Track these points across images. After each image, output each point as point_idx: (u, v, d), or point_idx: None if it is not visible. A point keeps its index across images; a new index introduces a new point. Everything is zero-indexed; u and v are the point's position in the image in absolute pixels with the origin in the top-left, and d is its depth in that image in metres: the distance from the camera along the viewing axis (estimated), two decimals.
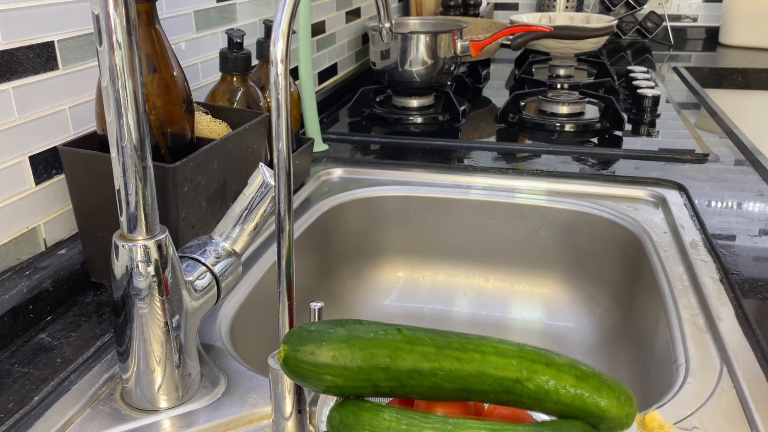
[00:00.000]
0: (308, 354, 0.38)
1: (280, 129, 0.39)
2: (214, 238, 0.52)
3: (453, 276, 0.95)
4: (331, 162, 1.00)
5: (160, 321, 0.47)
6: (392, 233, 0.95)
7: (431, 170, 0.96)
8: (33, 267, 0.62)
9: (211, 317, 0.62)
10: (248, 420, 0.50)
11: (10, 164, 0.61)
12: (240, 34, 0.76)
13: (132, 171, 0.43)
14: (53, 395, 0.51)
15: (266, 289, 0.73)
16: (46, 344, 0.57)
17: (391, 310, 0.94)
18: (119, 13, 0.39)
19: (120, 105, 0.41)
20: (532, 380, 0.38)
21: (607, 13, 2.03)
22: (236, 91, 0.78)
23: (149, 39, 0.60)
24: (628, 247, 0.83)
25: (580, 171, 0.96)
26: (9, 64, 0.60)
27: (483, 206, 0.91)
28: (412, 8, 1.82)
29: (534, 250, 0.92)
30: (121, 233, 0.45)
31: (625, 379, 0.75)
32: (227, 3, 0.96)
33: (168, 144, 0.63)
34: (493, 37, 1.11)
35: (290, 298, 0.43)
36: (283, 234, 0.41)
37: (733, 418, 0.50)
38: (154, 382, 0.49)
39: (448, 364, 0.38)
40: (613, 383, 0.39)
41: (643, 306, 0.77)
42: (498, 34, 1.13)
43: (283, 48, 0.39)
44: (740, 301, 0.63)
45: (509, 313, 0.92)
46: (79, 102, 0.68)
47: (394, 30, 0.84)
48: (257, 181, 0.51)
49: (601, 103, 1.23)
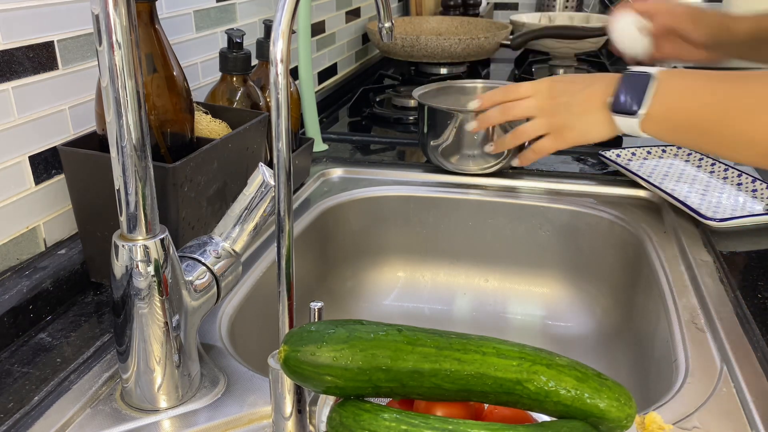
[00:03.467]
0: (309, 355, 0.38)
1: (280, 129, 0.39)
2: (214, 238, 0.52)
3: (453, 276, 0.95)
4: (331, 162, 1.00)
5: (160, 321, 0.47)
6: (392, 233, 0.95)
7: (431, 170, 0.96)
8: (33, 267, 0.62)
9: (211, 317, 0.62)
10: (248, 420, 0.50)
11: (10, 164, 0.61)
12: (240, 34, 0.76)
13: (132, 171, 0.43)
14: (53, 395, 0.51)
15: (266, 289, 0.73)
16: (46, 344, 0.57)
17: (391, 310, 0.94)
18: (119, 13, 0.39)
19: (120, 105, 0.41)
20: (533, 381, 0.38)
21: (607, 13, 2.03)
22: (236, 91, 0.78)
23: (149, 39, 0.60)
24: (628, 247, 0.83)
25: (580, 171, 0.96)
26: (9, 64, 0.60)
27: (483, 206, 0.91)
28: (412, 8, 1.82)
29: (534, 250, 0.92)
30: (121, 233, 0.45)
31: (625, 379, 0.75)
32: (227, 3, 0.96)
33: (168, 144, 0.63)
34: None
35: (290, 298, 0.43)
36: (283, 234, 0.41)
37: (733, 417, 0.50)
38: (154, 381, 0.49)
39: (449, 365, 0.38)
40: (613, 385, 0.39)
41: (642, 306, 0.77)
42: None
43: (283, 48, 0.39)
44: (740, 301, 0.63)
45: (509, 313, 0.92)
46: (79, 102, 0.68)
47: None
48: (257, 181, 0.51)
49: None
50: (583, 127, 0.76)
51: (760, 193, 0.85)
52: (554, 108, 0.78)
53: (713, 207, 0.82)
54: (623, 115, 0.70)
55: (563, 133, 0.78)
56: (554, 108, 0.78)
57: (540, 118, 0.79)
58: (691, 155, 0.98)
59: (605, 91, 0.73)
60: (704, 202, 0.84)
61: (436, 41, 1.30)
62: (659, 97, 0.68)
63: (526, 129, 0.81)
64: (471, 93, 1.01)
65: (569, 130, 0.77)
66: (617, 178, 0.93)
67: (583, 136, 0.77)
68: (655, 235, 0.79)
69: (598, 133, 0.75)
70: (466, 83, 1.02)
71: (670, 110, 0.69)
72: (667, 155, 0.98)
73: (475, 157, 0.91)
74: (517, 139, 0.84)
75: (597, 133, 0.75)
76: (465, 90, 1.02)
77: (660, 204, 0.87)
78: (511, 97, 0.82)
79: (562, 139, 0.78)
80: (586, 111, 0.75)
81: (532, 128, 0.80)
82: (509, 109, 0.81)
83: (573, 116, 0.76)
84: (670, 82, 0.69)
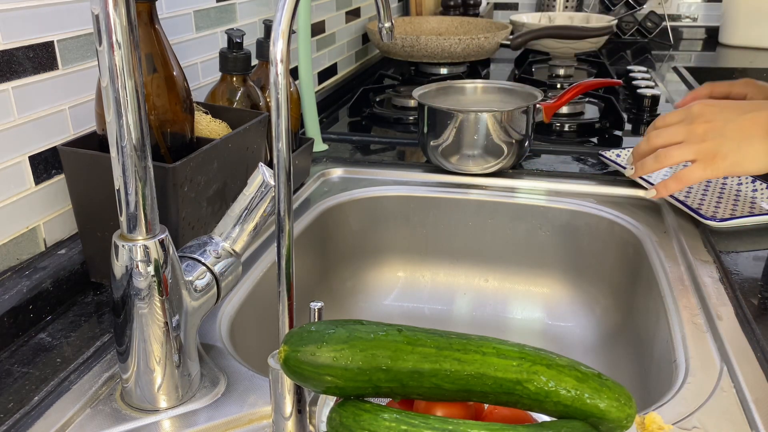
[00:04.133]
0: (309, 355, 0.38)
1: (280, 129, 0.39)
2: (214, 238, 0.52)
3: (453, 276, 0.95)
4: (331, 162, 1.00)
5: (160, 321, 0.47)
6: (392, 233, 0.95)
7: (431, 170, 0.96)
8: (33, 267, 0.62)
9: (211, 317, 0.62)
10: (248, 420, 0.50)
11: (10, 164, 0.61)
12: (240, 34, 0.76)
13: (132, 171, 0.43)
14: (53, 395, 0.51)
15: (266, 289, 0.73)
16: (46, 344, 0.57)
17: (391, 310, 0.94)
18: (119, 13, 0.39)
19: (120, 105, 0.41)
20: (533, 382, 0.38)
21: (607, 12, 2.03)
22: (236, 91, 0.78)
23: (149, 39, 0.60)
24: (628, 247, 0.83)
25: (580, 171, 0.96)
26: (9, 64, 0.60)
27: (483, 206, 0.91)
28: (412, 8, 1.82)
29: (534, 250, 0.92)
30: (121, 233, 0.45)
31: (625, 378, 0.75)
32: (227, 3, 0.96)
33: (168, 144, 0.63)
34: (563, 99, 0.97)
35: (290, 298, 0.43)
36: (283, 234, 0.41)
37: (733, 418, 0.50)
38: (154, 382, 0.49)
39: (449, 365, 0.38)
40: (613, 385, 0.39)
41: (642, 306, 0.77)
42: (569, 92, 0.98)
43: (283, 48, 0.39)
44: (740, 301, 0.63)
45: (509, 313, 0.92)
46: (79, 102, 0.68)
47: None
48: (257, 181, 0.51)
49: (601, 103, 1.23)
50: (739, 156, 0.69)
51: (761, 193, 0.85)
52: (706, 132, 0.71)
53: (713, 207, 0.82)
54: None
55: (715, 161, 0.70)
56: (706, 132, 0.71)
57: (689, 143, 0.72)
58: None
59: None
60: (704, 202, 0.84)
61: (436, 41, 1.30)
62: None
63: (672, 153, 0.73)
64: (471, 93, 1.01)
65: (722, 159, 0.70)
66: (617, 178, 0.93)
67: (738, 165, 0.70)
68: (655, 235, 0.79)
69: (756, 164, 0.69)
70: (466, 83, 1.02)
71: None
72: None
73: (475, 157, 0.91)
74: (659, 164, 0.75)
75: (754, 164, 0.69)
76: (465, 90, 1.02)
77: (660, 204, 0.87)
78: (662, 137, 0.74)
79: (713, 167, 0.70)
80: (746, 138, 0.69)
81: (679, 153, 0.72)
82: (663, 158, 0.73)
83: (728, 142, 0.69)
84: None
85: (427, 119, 0.92)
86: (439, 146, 0.92)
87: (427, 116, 0.92)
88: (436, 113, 0.91)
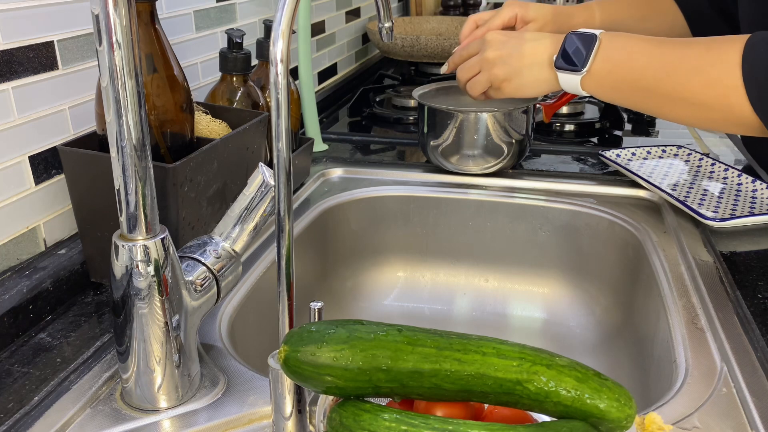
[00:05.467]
0: (309, 355, 0.38)
1: (280, 129, 0.39)
2: (214, 238, 0.52)
3: (453, 276, 0.95)
4: (331, 162, 1.00)
5: (160, 321, 0.47)
6: (392, 233, 0.95)
7: (431, 170, 0.96)
8: (33, 267, 0.62)
9: (211, 317, 0.62)
10: (248, 420, 0.50)
11: (10, 164, 0.61)
12: (240, 34, 0.76)
13: (132, 171, 0.43)
14: (53, 395, 0.51)
15: (266, 289, 0.73)
16: (46, 344, 0.57)
17: (391, 310, 0.94)
18: (119, 13, 0.39)
19: (120, 105, 0.41)
20: (533, 382, 0.38)
21: None
22: (236, 91, 0.78)
23: (149, 39, 0.60)
24: (628, 247, 0.83)
25: (580, 171, 0.96)
26: (9, 64, 0.60)
27: (483, 206, 0.91)
28: (412, 8, 1.82)
29: (534, 250, 0.92)
30: (121, 233, 0.45)
31: (625, 378, 0.75)
32: (227, 3, 0.96)
33: (168, 144, 0.63)
34: (563, 99, 0.97)
35: (290, 298, 0.43)
36: (283, 234, 0.41)
37: (733, 417, 0.50)
38: (154, 381, 0.49)
39: (449, 365, 0.38)
40: (613, 385, 0.39)
41: (642, 306, 0.77)
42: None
43: (283, 48, 0.39)
44: (740, 301, 0.63)
45: (509, 313, 0.92)
46: (79, 102, 0.68)
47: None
48: (257, 181, 0.51)
49: (601, 103, 1.23)
50: (521, 81, 0.77)
51: (760, 193, 0.85)
52: (495, 60, 0.79)
53: (713, 207, 0.82)
54: (567, 71, 0.72)
55: (502, 85, 0.79)
56: (495, 60, 0.79)
57: (484, 72, 0.80)
58: (691, 155, 0.98)
59: (553, 46, 0.74)
60: (704, 202, 0.84)
61: (436, 41, 1.30)
62: (603, 54, 0.71)
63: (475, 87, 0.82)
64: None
65: (507, 83, 0.78)
66: (617, 178, 0.93)
67: (520, 89, 0.78)
68: (655, 235, 0.79)
69: (537, 88, 0.77)
70: None
71: (613, 68, 0.71)
72: (667, 155, 0.98)
73: (475, 157, 0.91)
74: (473, 93, 0.83)
75: (535, 88, 0.77)
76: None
77: (660, 204, 0.87)
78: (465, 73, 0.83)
79: (500, 90, 0.80)
80: (527, 66, 0.76)
81: (479, 85, 0.81)
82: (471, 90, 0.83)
83: (513, 69, 0.77)
84: (613, 42, 0.71)
85: (427, 119, 0.92)
86: (439, 146, 0.92)
87: (427, 116, 0.92)
88: (436, 113, 0.91)
